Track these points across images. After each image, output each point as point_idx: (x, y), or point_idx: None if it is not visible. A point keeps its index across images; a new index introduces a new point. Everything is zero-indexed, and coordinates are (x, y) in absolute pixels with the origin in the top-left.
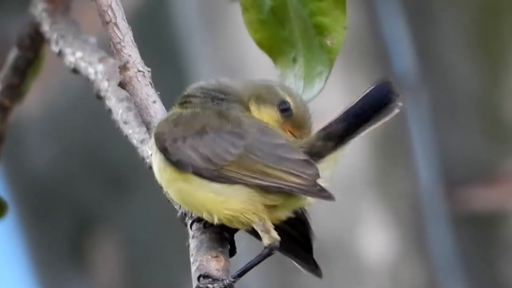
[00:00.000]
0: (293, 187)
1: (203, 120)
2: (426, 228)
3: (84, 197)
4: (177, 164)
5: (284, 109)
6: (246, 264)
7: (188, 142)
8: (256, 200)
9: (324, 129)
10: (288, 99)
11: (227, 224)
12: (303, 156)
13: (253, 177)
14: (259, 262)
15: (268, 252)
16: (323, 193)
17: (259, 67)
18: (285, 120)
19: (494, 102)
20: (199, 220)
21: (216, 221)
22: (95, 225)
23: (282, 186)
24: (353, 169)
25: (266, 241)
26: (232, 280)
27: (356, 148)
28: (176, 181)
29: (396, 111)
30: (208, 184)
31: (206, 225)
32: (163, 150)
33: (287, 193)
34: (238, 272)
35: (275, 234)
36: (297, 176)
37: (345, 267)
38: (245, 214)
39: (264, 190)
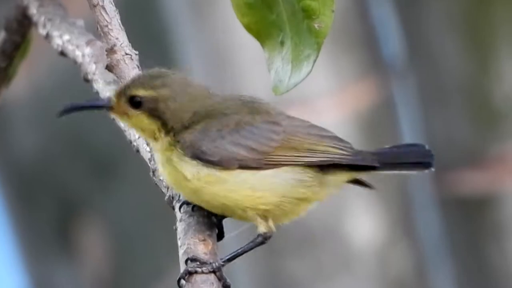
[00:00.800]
0: (342, 157)
1: (234, 117)
2: (414, 213)
3: (70, 181)
4: (221, 162)
5: (137, 102)
6: (237, 250)
7: (228, 139)
8: (306, 180)
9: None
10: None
11: (246, 219)
12: (330, 132)
13: (302, 156)
14: (250, 249)
15: (262, 240)
16: (368, 161)
17: (247, 50)
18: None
19: (482, 86)
20: (187, 203)
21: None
22: (82, 210)
23: (332, 158)
24: None
25: (262, 229)
26: (221, 263)
27: (344, 132)
28: (213, 184)
29: (426, 171)
30: (253, 176)
31: (194, 209)
32: (201, 154)
33: (324, 171)
34: (228, 257)
35: (272, 224)
36: (340, 148)
37: (333, 252)
38: (281, 206)
39: (312, 167)
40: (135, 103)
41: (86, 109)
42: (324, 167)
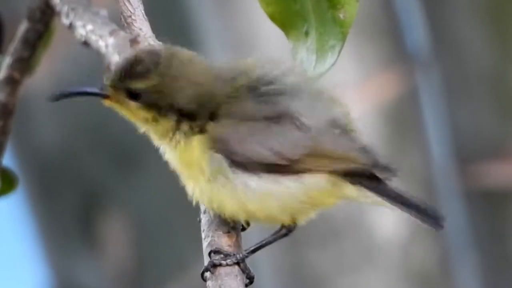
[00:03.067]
0: (364, 168)
1: (265, 115)
2: (438, 205)
3: (92, 173)
4: (245, 165)
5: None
6: (260, 242)
7: (257, 139)
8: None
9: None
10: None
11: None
12: (359, 143)
13: (334, 163)
14: (274, 241)
15: (285, 232)
16: (389, 171)
17: (271, 40)
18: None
19: (507, 77)
20: None
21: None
22: (104, 201)
23: (362, 167)
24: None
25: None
26: (245, 255)
27: (368, 123)
28: (231, 187)
29: (432, 228)
30: (276, 185)
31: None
32: (229, 154)
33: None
34: (251, 248)
35: (296, 219)
36: (365, 160)
37: (356, 244)
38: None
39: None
40: (133, 95)
41: (79, 95)
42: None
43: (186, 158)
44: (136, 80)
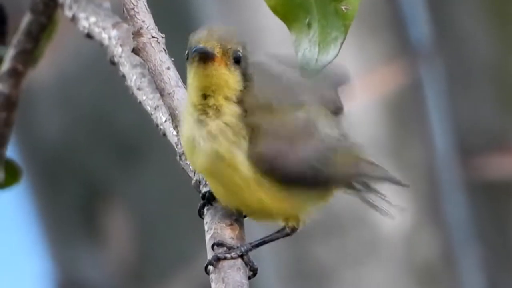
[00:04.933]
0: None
1: (299, 126)
2: (441, 197)
3: (95, 165)
4: (284, 178)
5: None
6: (264, 237)
7: (295, 155)
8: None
9: None
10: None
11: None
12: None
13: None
14: (277, 239)
15: (289, 232)
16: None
17: (273, 32)
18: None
19: (509, 70)
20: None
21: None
22: (107, 194)
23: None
24: (368, 138)
25: (290, 223)
26: (250, 248)
27: (371, 116)
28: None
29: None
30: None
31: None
32: (276, 170)
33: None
34: (255, 243)
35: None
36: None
37: (360, 237)
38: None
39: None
40: (236, 58)
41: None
42: None
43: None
44: (240, 46)
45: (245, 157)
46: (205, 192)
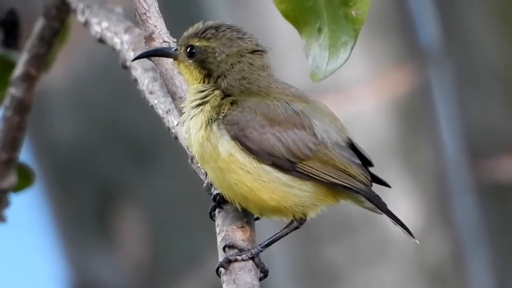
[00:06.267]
0: (361, 189)
1: (284, 112)
2: (450, 199)
3: (109, 168)
4: (258, 153)
5: (191, 52)
6: (273, 236)
7: (272, 133)
8: (321, 196)
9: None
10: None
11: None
12: (358, 160)
13: (328, 175)
14: (286, 234)
15: (296, 225)
16: (379, 199)
17: (284, 37)
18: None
19: None
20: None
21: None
22: (120, 196)
23: (352, 186)
24: (379, 140)
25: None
26: (260, 249)
27: (381, 119)
28: (243, 172)
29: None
30: (280, 176)
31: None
32: (243, 138)
33: (345, 193)
34: (265, 243)
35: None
36: (362, 179)
37: (370, 238)
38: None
39: (333, 187)
40: (190, 53)
41: (158, 55)
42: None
43: (204, 135)
44: (196, 39)
45: (220, 130)
46: (216, 194)
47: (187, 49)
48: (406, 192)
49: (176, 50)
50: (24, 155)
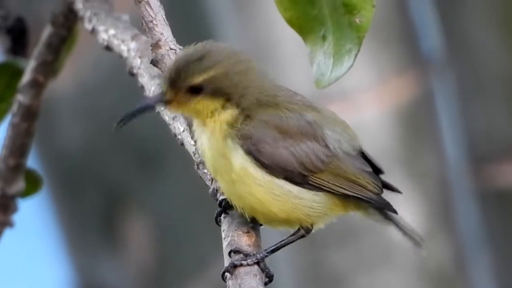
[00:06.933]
0: (371, 198)
1: (297, 124)
2: (453, 205)
3: (115, 174)
4: (270, 168)
5: (198, 89)
6: (279, 242)
7: (285, 147)
8: (332, 206)
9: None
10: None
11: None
12: (369, 168)
13: (340, 187)
14: (292, 241)
15: (303, 234)
16: (390, 207)
17: (289, 44)
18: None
19: None
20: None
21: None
22: (126, 201)
23: (363, 197)
24: (381, 147)
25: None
26: (265, 254)
27: (384, 126)
28: (256, 185)
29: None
30: (292, 189)
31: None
32: (256, 152)
33: (355, 203)
34: (271, 248)
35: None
36: (373, 187)
37: (374, 244)
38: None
39: (344, 198)
40: (196, 90)
41: (142, 113)
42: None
43: (218, 149)
44: (194, 75)
45: (235, 145)
46: (222, 200)
47: (189, 89)
48: (409, 198)
49: (162, 95)
50: (32, 161)
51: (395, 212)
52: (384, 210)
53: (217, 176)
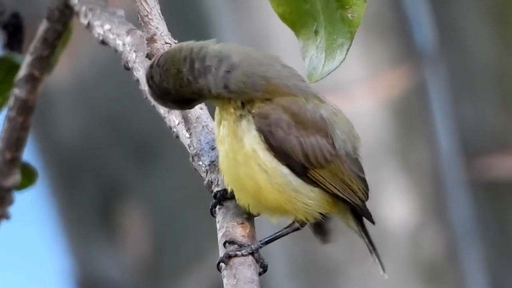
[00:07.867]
0: (357, 205)
1: (312, 117)
2: (445, 196)
3: (112, 166)
4: (276, 150)
5: None
6: (274, 234)
7: (296, 136)
8: (324, 204)
9: None
10: None
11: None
12: (363, 174)
13: (333, 186)
14: (287, 234)
15: (297, 227)
16: (370, 217)
17: (283, 39)
18: None
19: (511, 73)
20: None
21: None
22: (123, 193)
23: (351, 201)
24: (375, 139)
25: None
26: (260, 245)
27: (377, 118)
28: (259, 168)
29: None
30: (292, 180)
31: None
32: (267, 133)
33: (342, 205)
34: (265, 240)
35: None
36: (362, 195)
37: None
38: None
39: (335, 198)
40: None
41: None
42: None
43: (232, 129)
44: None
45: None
46: (217, 192)
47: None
48: (401, 190)
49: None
50: (29, 154)
51: (373, 223)
52: (361, 222)
53: (220, 147)
